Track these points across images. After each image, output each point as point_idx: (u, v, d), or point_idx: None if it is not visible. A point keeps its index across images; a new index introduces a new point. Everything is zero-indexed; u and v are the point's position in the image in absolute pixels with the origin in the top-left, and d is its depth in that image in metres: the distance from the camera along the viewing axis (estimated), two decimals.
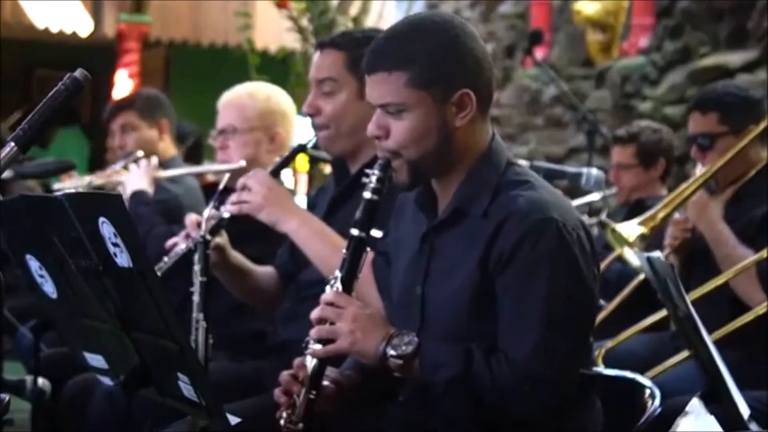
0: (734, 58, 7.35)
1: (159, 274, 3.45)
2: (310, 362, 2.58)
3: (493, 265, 2.51)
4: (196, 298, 3.11)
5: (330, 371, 2.66)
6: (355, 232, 2.62)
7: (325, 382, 2.63)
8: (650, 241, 4.34)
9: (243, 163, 3.95)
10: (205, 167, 4.46)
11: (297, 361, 2.64)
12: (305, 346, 2.61)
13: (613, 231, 4.31)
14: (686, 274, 4.25)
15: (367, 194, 2.62)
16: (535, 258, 2.47)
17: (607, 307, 4.51)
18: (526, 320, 2.46)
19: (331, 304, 2.58)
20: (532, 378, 2.44)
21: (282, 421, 2.59)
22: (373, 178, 2.62)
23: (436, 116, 2.56)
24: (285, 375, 2.65)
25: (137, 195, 4.38)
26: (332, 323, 2.56)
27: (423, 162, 2.59)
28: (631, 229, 4.28)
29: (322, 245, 3.17)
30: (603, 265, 4.76)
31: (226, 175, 3.64)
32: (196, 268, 3.14)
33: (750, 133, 4.14)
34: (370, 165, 3.23)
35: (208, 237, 3.23)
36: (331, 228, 3.27)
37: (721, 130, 4.21)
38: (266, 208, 3.26)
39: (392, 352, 2.50)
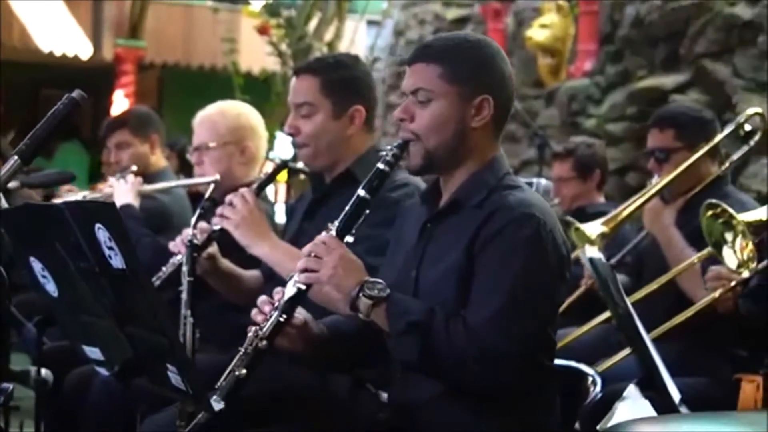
0: (668, 81, 7.40)
1: (158, 283, 3.45)
2: (289, 289, 2.59)
3: (476, 248, 2.55)
4: (184, 296, 3.11)
5: (307, 315, 2.66)
6: (362, 192, 2.64)
7: (298, 316, 2.62)
8: (610, 241, 4.37)
9: (218, 176, 3.94)
10: (184, 181, 4.43)
11: (277, 288, 2.64)
12: (290, 277, 2.61)
13: (577, 229, 4.33)
14: (637, 276, 4.29)
15: (380, 165, 2.65)
16: (512, 243, 2.50)
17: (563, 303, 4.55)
18: (491, 294, 2.48)
19: (323, 243, 2.59)
20: (482, 345, 2.43)
21: (250, 333, 2.58)
22: (390, 153, 2.66)
23: (457, 111, 2.62)
24: (263, 297, 2.65)
25: (124, 209, 4.33)
26: (319, 257, 2.57)
27: (437, 151, 2.64)
28: (594, 228, 4.31)
29: (291, 264, 3.16)
30: None
31: (211, 186, 3.64)
32: (184, 269, 3.14)
33: (702, 148, 4.19)
34: (344, 176, 3.26)
35: (196, 241, 3.23)
36: (308, 231, 3.28)
37: (677, 146, 4.26)
38: (241, 228, 3.27)
39: (365, 291, 2.52)
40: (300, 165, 3.54)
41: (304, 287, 2.58)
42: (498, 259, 2.50)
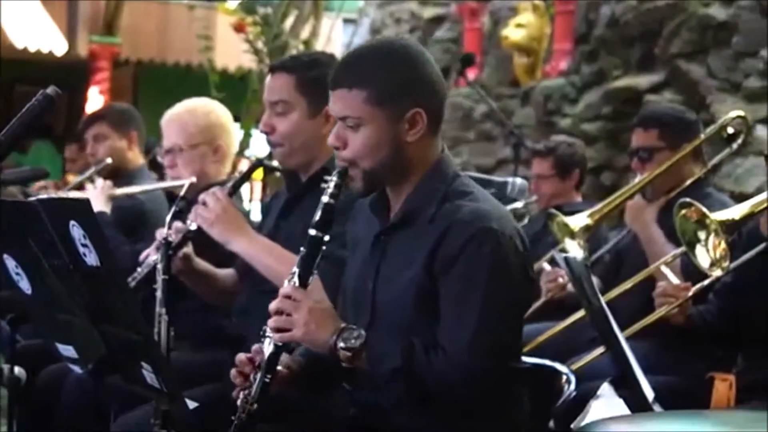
0: (643, 81, 7.44)
1: (133, 284, 3.44)
2: (267, 348, 2.58)
3: (437, 267, 2.52)
4: (159, 294, 3.10)
5: (283, 356, 2.65)
6: (312, 232, 2.60)
7: (279, 367, 2.62)
8: (593, 235, 4.39)
9: (193, 179, 3.92)
10: (157, 185, 4.39)
11: (255, 346, 2.62)
12: (263, 334, 2.60)
13: (560, 221, 4.34)
14: (616, 273, 4.32)
15: (325, 198, 2.61)
16: (475, 264, 2.48)
17: (538, 302, 4.58)
18: (463, 318, 2.48)
19: (288, 297, 2.57)
20: (468, 369, 2.46)
21: (239, 402, 2.58)
22: (331, 184, 2.61)
23: (389, 131, 2.56)
24: (240, 356, 2.64)
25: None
26: (289, 314, 2.55)
27: (376, 172, 2.60)
28: (579, 220, 4.32)
29: (270, 259, 3.17)
30: (536, 265, 4.83)
31: (186, 184, 3.63)
32: (159, 267, 3.12)
33: (684, 149, 4.23)
34: (319, 174, 3.25)
35: (171, 239, 3.22)
36: (283, 229, 3.29)
37: (660, 145, 4.30)
38: (217, 226, 3.25)
39: (342, 345, 2.50)
40: (275, 163, 3.53)
41: (281, 344, 2.57)
42: (463, 281, 2.49)
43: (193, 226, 3.31)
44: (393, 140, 2.57)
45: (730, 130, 4.32)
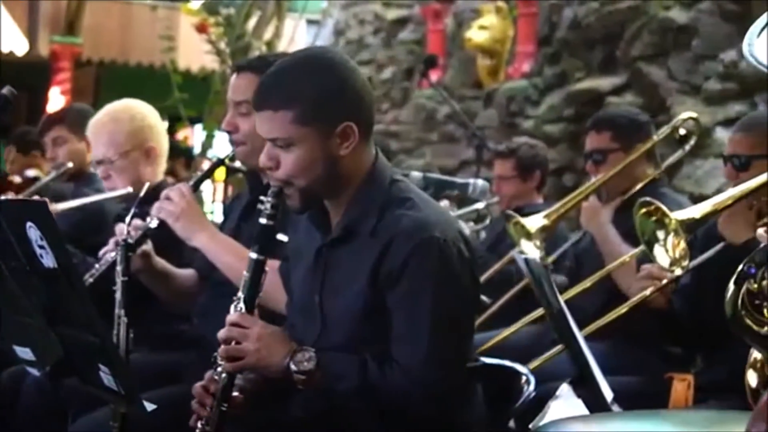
0: (605, 83, 7.48)
1: (91, 280, 3.41)
2: (220, 377, 2.57)
3: (383, 281, 2.51)
4: (118, 295, 3.08)
5: (237, 379, 2.64)
6: (253, 255, 2.59)
7: (234, 393, 2.61)
8: (549, 236, 4.42)
9: (130, 189, 3.88)
10: (96, 197, 4.32)
11: (208, 374, 2.61)
12: (214, 361, 2.59)
13: (516, 223, 4.36)
14: (576, 274, 4.34)
15: (262, 220, 2.59)
16: (420, 276, 2.48)
17: (498, 302, 4.60)
18: (415, 332, 2.47)
19: (236, 324, 2.55)
20: (424, 383, 2.46)
21: (197, 431, 2.58)
22: (268, 205, 2.58)
23: (321, 148, 2.52)
24: (197, 387, 2.62)
25: None
26: (238, 343, 2.54)
27: (312, 189, 2.57)
28: (535, 221, 4.35)
29: (231, 257, 3.16)
30: (497, 266, 4.85)
31: (146, 185, 3.60)
32: (118, 268, 3.10)
33: (637, 150, 4.27)
34: None
35: (131, 240, 3.20)
36: (245, 230, 3.28)
37: (613, 147, 4.35)
38: (181, 220, 3.25)
39: (295, 368, 2.50)
40: (237, 164, 3.52)
41: (233, 372, 2.57)
42: (411, 295, 2.48)
43: (154, 223, 3.30)
44: (326, 156, 2.53)
45: (683, 132, 4.38)
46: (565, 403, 2.47)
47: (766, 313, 2.73)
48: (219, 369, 2.57)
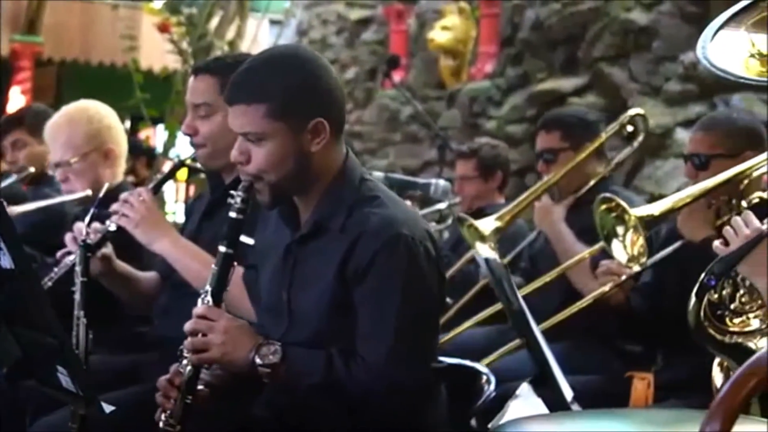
0: (566, 84, 7.53)
1: (50, 283, 3.39)
2: (185, 370, 2.56)
3: (349, 277, 2.52)
4: (77, 297, 3.06)
5: (203, 373, 2.63)
6: (222, 248, 2.59)
7: (200, 387, 2.60)
8: (502, 238, 4.43)
9: (89, 192, 3.85)
10: (54, 200, 4.29)
11: (173, 367, 2.60)
12: (180, 354, 2.58)
13: (470, 226, 4.38)
14: (532, 273, 4.35)
15: (232, 214, 2.59)
16: (387, 273, 2.49)
17: (459, 302, 4.60)
18: (381, 328, 2.48)
19: (202, 317, 2.55)
20: (388, 380, 2.47)
21: (161, 423, 2.56)
22: (238, 199, 2.58)
23: (292, 143, 2.54)
24: (162, 381, 2.61)
25: None
26: (204, 335, 2.54)
27: (282, 184, 2.58)
28: (488, 224, 4.37)
29: (192, 262, 3.15)
30: (458, 265, 4.86)
31: (105, 186, 3.58)
32: (77, 269, 3.08)
33: (587, 148, 4.30)
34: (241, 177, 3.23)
35: (90, 241, 3.18)
36: (206, 231, 3.26)
37: (563, 146, 4.40)
38: (141, 227, 3.22)
39: (260, 362, 2.50)
40: (199, 164, 3.51)
41: (198, 364, 2.56)
42: (378, 291, 2.50)
43: (113, 227, 3.27)
44: (297, 152, 2.55)
45: (630, 128, 4.42)
46: (525, 402, 2.48)
47: (728, 322, 2.76)
48: (184, 362, 2.56)
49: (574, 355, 3.86)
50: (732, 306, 2.74)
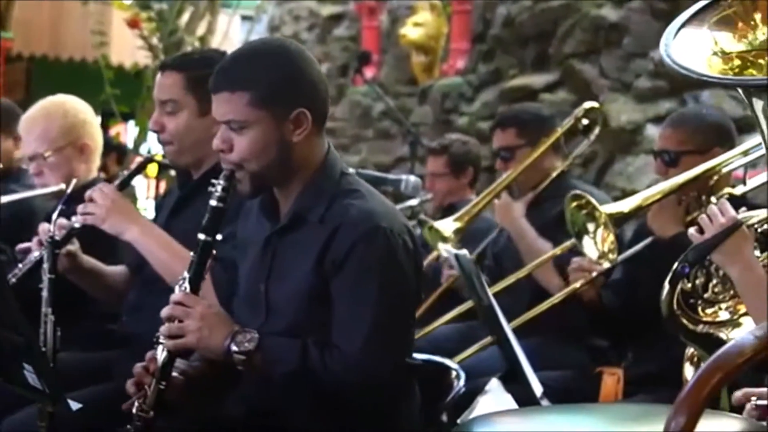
0: (538, 80, 7.55)
1: (14, 280, 3.36)
2: (161, 355, 2.56)
3: (327, 268, 2.53)
4: (44, 294, 3.04)
5: (179, 362, 2.63)
6: (202, 236, 2.59)
7: (175, 374, 2.60)
8: (464, 238, 4.44)
9: (62, 185, 3.83)
10: (26, 194, 4.26)
11: (149, 354, 2.60)
12: (156, 340, 2.58)
13: (431, 228, 4.40)
14: (498, 271, 4.36)
15: (213, 202, 2.59)
16: (365, 264, 2.50)
17: (426, 301, 4.60)
18: (357, 319, 2.49)
19: (179, 303, 2.55)
20: (363, 369, 2.48)
21: (134, 409, 2.55)
22: (219, 188, 2.59)
23: (275, 132, 2.56)
24: (137, 367, 2.61)
25: None
26: (181, 321, 2.54)
27: (264, 173, 2.59)
28: (447, 225, 4.38)
29: (163, 252, 3.14)
30: (427, 260, 4.86)
31: (73, 182, 3.56)
32: (45, 266, 3.06)
33: (543, 144, 4.31)
34: (211, 172, 3.22)
35: (57, 237, 3.16)
36: (174, 227, 3.25)
37: (519, 143, 4.42)
38: (109, 219, 3.20)
39: (235, 349, 2.50)
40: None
41: (174, 351, 2.56)
42: (355, 282, 2.51)
43: (78, 224, 3.25)
44: (279, 141, 2.56)
45: (585, 122, 4.43)
46: (494, 398, 2.49)
47: (700, 312, 2.79)
48: (160, 348, 2.56)
49: (544, 351, 3.87)
50: (705, 295, 2.77)
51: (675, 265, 2.70)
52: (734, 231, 2.64)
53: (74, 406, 2.36)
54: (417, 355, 2.90)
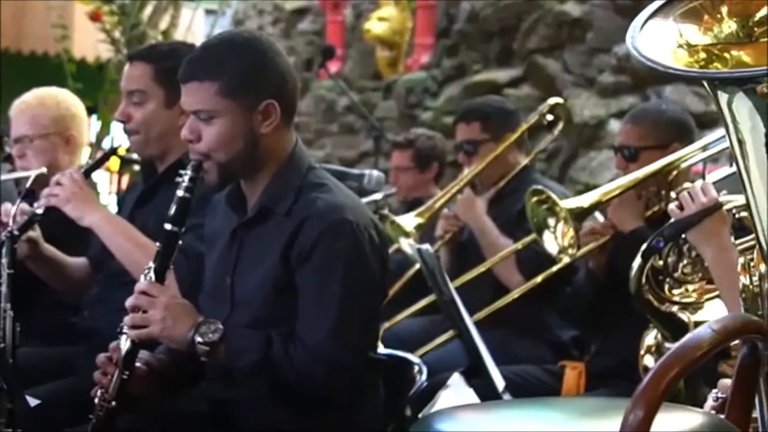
0: (502, 75, 7.56)
1: None
2: (124, 345, 2.55)
3: (294, 259, 2.54)
4: (3, 289, 3.02)
5: (143, 354, 2.63)
6: (168, 226, 2.59)
7: (138, 364, 2.60)
8: (425, 233, 4.45)
9: (44, 169, 3.83)
10: (5, 176, 4.26)
11: (112, 344, 2.59)
12: (120, 330, 2.57)
13: (392, 222, 4.40)
14: (459, 266, 4.36)
15: (180, 192, 2.60)
16: (331, 256, 2.51)
17: (388, 294, 4.59)
18: (322, 310, 2.50)
19: (144, 293, 2.55)
20: (326, 361, 2.48)
21: (96, 399, 2.54)
22: (186, 178, 2.60)
23: (243, 123, 2.57)
24: (101, 357, 2.60)
25: None
26: (145, 311, 2.53)
27: (231, 164, 2.59)
28: (409, 220, 4.38)
29: (124, 240, 3.14)
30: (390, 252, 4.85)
31: (32, 176, 3.55)
32: (4, 261, 3.04)
33: (507, 139, 4.29)
34: (175, 165, 3.22)
35: (16, 232, 3.14)
36: (138, 219, 3.26)
37: (483, 137, 4.41)
38: (72, 202, 3.21)
39: (199, 339, 2.50)
40: (133, 155, 3.50)
41: (138, 340, 2.55)
42: (320, 274, 2.51)
43: (40, 209, 3.25)
44: (247, 132, 2.57)
45: (550, 117, 4.44)
46: (456, 392, 2.50)
47: (667, 291, 2.81)
48: (123, 337, 2.55)
49: (507, 345, 3.89)
50: (675, 275, 2.80)
51: (650, 239, 2.73)
52: (714, 212, 2.67)
53: (32, 402, 2.34)
54: (380, 350, 2.91)
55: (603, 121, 6.67)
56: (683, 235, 2.75)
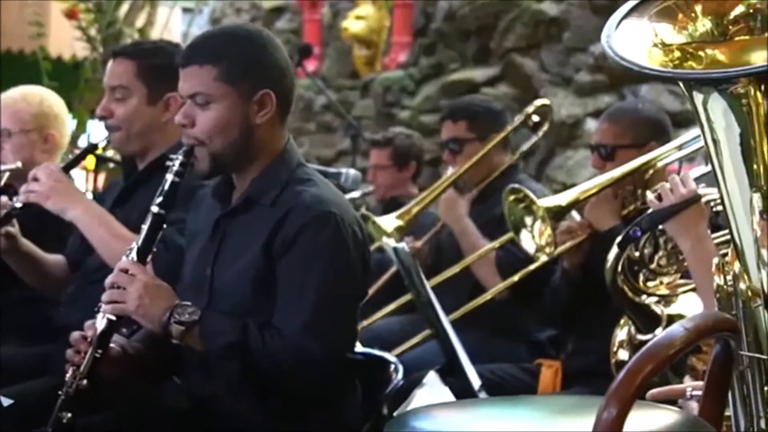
0: (479, 74, 7.58)
1: None
2: (100, 323, 2.55)
3: (275, 250, 2.55)
4: None
5: (118, 338, 2.62)
6: (155, 209, 2.61)
7: (113, 345, 2.59)
8: (406, 233, 4.45)
9: (19, 164, 3.85)
10: None
11: (88, 322, 2.59)
12: (97, 309, 2.57)
13: (374, 223, 4.40)
14: (436, 266, 4.37)
15: (169, 176, 2.62)
16: (313, 246, 2.52)
17: (368, 294, 4.59)
18: (300, 301, 2.50)
19: (124, 270, 2.55)
20: (302, 352, 2.48)
21: (67, 377, 2.54)
22: (177, 162, 2.62)
23: (238, 111, 2.59)
24: (75, 334, 2.60)
25: None
26: (123, 288, 2.53)
27: (224, 153, 2.61)
28: (390, 221, 4.38)
29: (104, 232, 3.15)
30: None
31: (6, 174, 3.55)
32: None
33: (493, 139, 4.30)
34: (155, 163, 3.23)
35: None
36: (118, 216, 3.26)
37: (469, 137, 4.41)
38: (52, 197, 3.21)
39: (175, 318, 2.50)
40: (110, 153, 3.49)
41: (114, 318, 2.54)
42: (301, 264, 2.52)
43: (19, 204, 3.25)
44: (242, 120, 2.59)
45: (536, 118, 4.45)
46: (432, 390, 2.50)
47: (641, 282, 2.83)
48: (100, 315, 2.55)
49: (484, 344, 3.90)
50: (650, 266, 2.81)
51: (627, 228, 2.74)
52: (693, 203, 2.69)
53: (5, 402, 2.32)
54: (357, 349, 2.91)
55: (580, 120, 6.69)
56: (660, 227, 2.77)
